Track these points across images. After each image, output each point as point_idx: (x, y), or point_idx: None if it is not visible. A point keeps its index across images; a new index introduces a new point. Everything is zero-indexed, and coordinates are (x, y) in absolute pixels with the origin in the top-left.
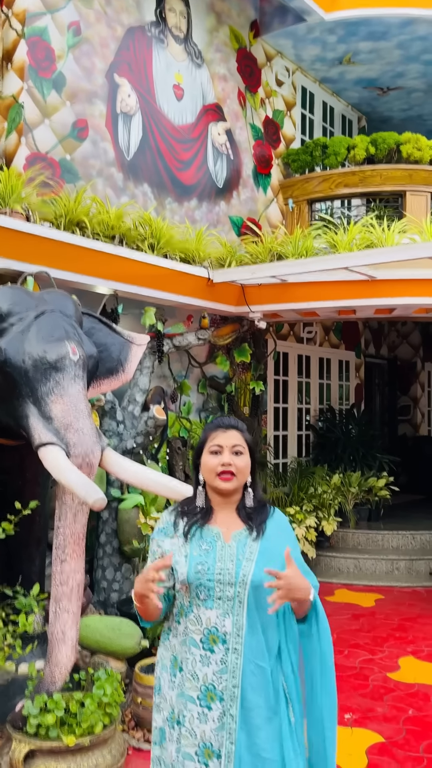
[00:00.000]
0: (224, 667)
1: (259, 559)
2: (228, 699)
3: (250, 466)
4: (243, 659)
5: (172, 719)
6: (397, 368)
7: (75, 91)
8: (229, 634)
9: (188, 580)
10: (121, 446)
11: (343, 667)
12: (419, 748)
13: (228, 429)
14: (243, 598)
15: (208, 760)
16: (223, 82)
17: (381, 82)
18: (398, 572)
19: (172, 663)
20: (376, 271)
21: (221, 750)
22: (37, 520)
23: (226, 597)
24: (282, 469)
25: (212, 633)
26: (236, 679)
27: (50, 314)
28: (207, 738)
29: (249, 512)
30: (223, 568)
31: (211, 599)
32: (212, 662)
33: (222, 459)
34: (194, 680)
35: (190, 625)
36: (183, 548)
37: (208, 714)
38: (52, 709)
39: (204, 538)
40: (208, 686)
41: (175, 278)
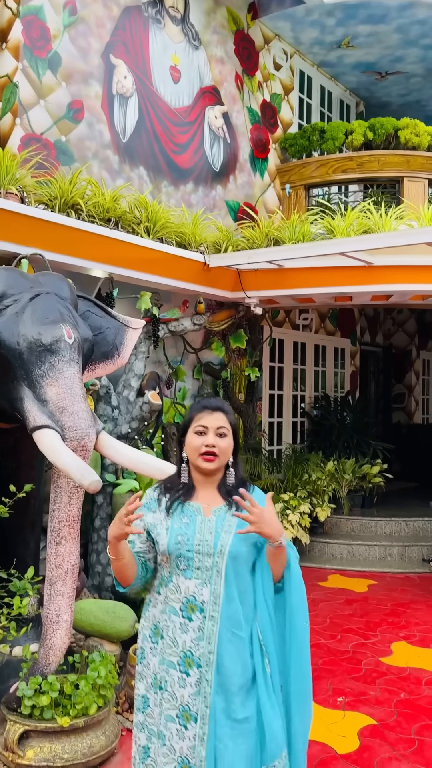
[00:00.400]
0: (201, 634)
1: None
2: (204, 665)
3: (232, 446)
4: (219, 626)
5: (155, 685)
6: (392, 356)
7: (70, 71)
8: (206, 603)
9: (168, 551)
10: (115, 431)
11: (336, 651)
12: (410, 731)
13: (214, 411)
14: (221, 568)
15: (187, 722)
16: (221, 64)
17: (379, 66)
18: (391, 558)
19: (152, 631)
20: (373, 257)
21: (198, 713)
22: (32, 503)
23: (204, 567)
24: (277, 456)
25: (190, 602)
26: (212, 646)
27: (45, 296)
28: (185, 702)
29: (229, 489)
30: (202, 540)
31: (190, 569)
32: (190, 629)
33: (206, 440)
34: (174, 646)
35: (170, 594)
36: (165, 522)
37: (187, 679)
38: (47, 691)
39: (185, 513)
40: (186, 652)
41: (171, 262)
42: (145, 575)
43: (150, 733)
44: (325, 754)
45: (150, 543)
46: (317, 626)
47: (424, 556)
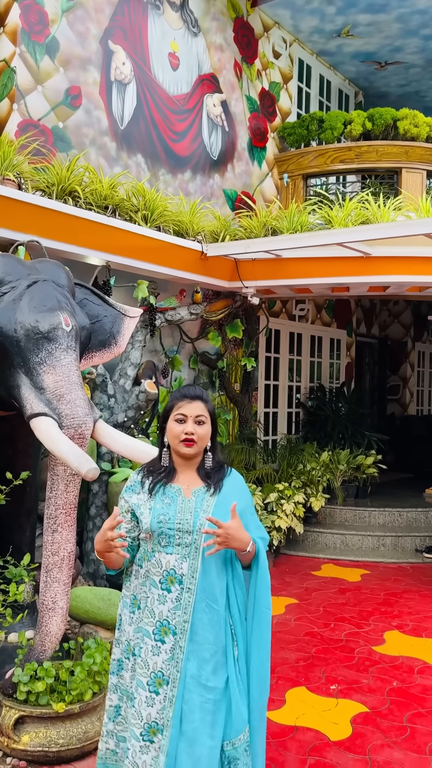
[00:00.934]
0: (178, 605)
1: (215, 512)
2: (179, 632)
3: (210, 433)
4: (195, 598)
5: (128, 651)
6: (387, 347)
7: (68, 57)
8: (185, 576)
9: (151, 529)
10: (111, 420)
11: (329, 639)
12: (402, 719)
13: (193, 400)
14: (199, 544)
15: (158, 687)
16: (220, 52)
17: (379, 56)
18: (384, 548)
19: (131, 602)
20: (370, 248)
21: (169, 677)
22: (28, 490)
23: (184, 543)
24: (272, 446)
25: (170, 575)
26: (187, 615)
27: (43, 283)
28: (158, 668)
29: (208, 472)
30: (182, 519)
31: (171, 545)
32: (168, 600)
33: (186, 428)
34: (151, 616)
35: (151, 568)
36: (148, 502)
37: (161, 647)
38: (43, 677)
39: (167, 494)
40: (163, 621)
41: (169, 251)
42: (132, 554)
43: (122, 693)
44: (318, 741)
45: (135, 523)
46: (311, 615)
47: (416, 546)
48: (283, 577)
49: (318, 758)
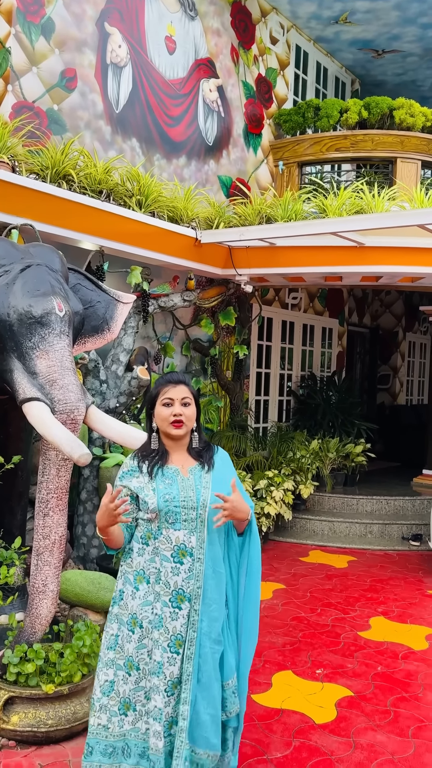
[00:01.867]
0: (191, 574)
1: (213, 486)
2: (194, 598)
3: (195, 414)
4: (204, 566)
5: (133, 624)
6: (378, 337)
7: (64, 38)
8: (194, 548)
9: (159, 508)
10: (103, 405)
11: (315, 624)
12: (386, 702)
13: (177, 384)
14: (204, 518)
15: (179, 648)
16: (217, 36)
17: (376, 44)
18: (371, 536)
19: (135, 578)
20: (364, 238)
21: (186, 637)
22: (20, 474)
23: (190, 519)
24: (262, 433)
25: (181, 549)
26: (200, 582)
27: (36, 268)
28: (177, 632)
29: (198, 451)
30: (186, 496)
31: (178, 522)
32: (181, 571)
33: (173, 410)
34: (167, 587)
35: (160, 545)
36: (149, 484)
37: (179, 612)
38: (32, 659)
39: (166, 475)
40: (178, 591)
41: (163, 237)
42: (129, 535)
43: (117, 668)
44: (303, 724)
45: (134, 505)
46: (298, 600)
47: (403, 534)
48: (271, 562)
49: (303, 740)
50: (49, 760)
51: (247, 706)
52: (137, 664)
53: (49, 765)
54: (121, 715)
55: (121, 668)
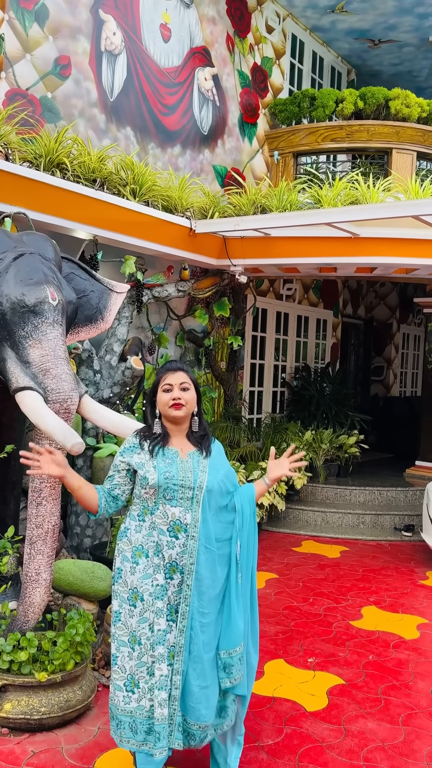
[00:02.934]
0: (185, 549)
1: (210, 471)
2: (186, 572)
3: (196, 398)
4: (198, 543)
5: (134, 599)
6: (373, 329)
7: (58, 25)
8: (189, 525)
9: (158, 484)
10: (97, 395)
11: (308, 614)
12: (377, 690)
13: (176, 371)
14: (199, 499)
15: (174, 616)
16: (212, 24)
17: (373, 33)
18: (364, 526)
19: (134, 553)
20: (359, 229)
21: (179, 608)
22: (13, 464)
23: (186, 497)
24: (256, 424)
25: (176, 524)
26: (192, 558)
27: (29, 256)
28: (172, 601)
29: (197, 438)
30: (184, 477)
31: (175, 499)
32: (176, 545)
33: (173, 394)
34: (161, 560)
35: (157, 520)
36: (150, 462)
37: (170, 582)
38: (25, 647)
39: (166, 455)
40: (172, 563)
41: (157, 227)
42: (115, 505)
43: (120, 643)
44: (295, 712)
45: (128, 479)
46: (290, 589)
47: (395, 524)
48: (264, 552)
49: (294, 728)
50: (41, 747)
51: None
52: (139, 639)
53: (42, 752)
54: (128, 691)
55: (125, 644)
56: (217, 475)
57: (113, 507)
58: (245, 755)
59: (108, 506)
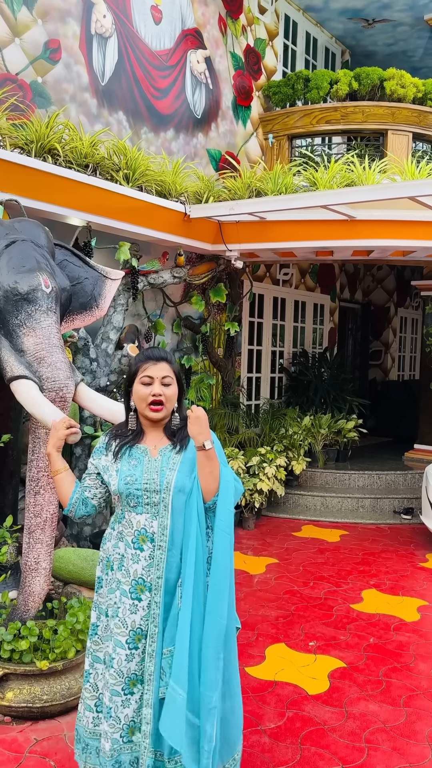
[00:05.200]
0: (151, 562)
1: (181, 468)
2: (155, 589)
3: (177, 394)
4: (167, 554)
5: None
6: (370, 313)
7: (47, 8)
8: (156, 534)
9: (119, 491)
10: (94, 384)
11: (308, 597)
12: (378, 673)
13: (158, 361)
14: (168, 502)
15: (138, 643)
16: (204, 6)
17: (366, 13)
18: (363, 510)
19: (105, 564)
20: (355, 211)
21: (148, 632)
22: (10, 453)
23: (152, 503)
24: (254, 411)
25: (142, 534)
26: (160, 571)
27: (21, 244)
28: (137, 625)
29: (173, 430)
30: (149, 479)
31: (140, 506)
32: (141, 559)
33: (153, 389)
34: (127, 576)
35: (123, 529)
36: (113, 465)
37: (138, 605)
38: (26, 636)
39: (133, 456)
40: (138, 580)
41: (151, 212)
42: (84, 509)
43: (94, 659)
44: (296, 695)
45: (98, 482)
46: (291, 574)
47: (395, 508)
48: (264, 537)
49: (296, 711)
50: (44, 735)
51: (241, 678)
52: (104, 659)
53: (44, 739)
54: (98, 713)
55: (99, 660)
56: (190, 470)
57: (83, 510)
58: (248, 739)
59: (77, 507)
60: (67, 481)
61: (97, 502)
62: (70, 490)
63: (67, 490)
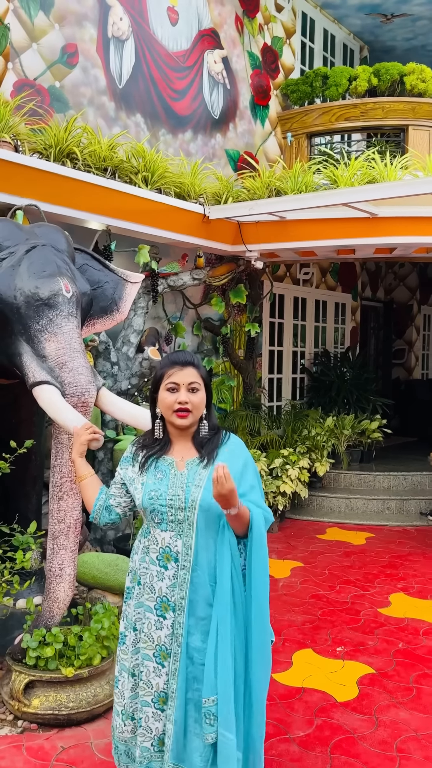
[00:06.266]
0: (175, 582)
1: (208, 485)
2: (178, 609)
3: (205, 400)
4: (191, 574)
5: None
6: (393, 311)
7: (64, 12)
8: (180, 554)
9: (143, 506)
10: (115, 387)
11: (335, 602)
12: (408, 679)
13: (184, 366)
14: (192, 521)
15: (164, 660)
16: (220, 5)
17: (385, 8)
18: (389, 512)
19: (132, 577)
20: (377, 208)
21: (171, 651)
22: (33, 459)
23: (177, 520)
24: (276, 412)
25: (166, 552)
26: (184, 592)
27: (42, 248)
28: (162, 642)
29: (202, 441)
30: (174, 495)
31: (164, 522)
32: (165, 578)
33: (179, 397)
34: (151, 592)
35: (150, 545)
36: (139, 478)
37: (163, 622)
38: (51, 642)
39: (159, 468)
40: (162, 598)
41: (170, 214)
42: (108, 516)
43: (122, 668)
44: (325, 702)
45: (123, 491)
46: (316, 578)
47: (421, 509)
48: (289, 540)
49: (325, 719)
50: (71, 743)
51: (269, 685)
52: (132, 670)
53: (71, 747)
54: (123, 719)
55: (126, 669)
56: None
57: (107, 517)
58: (276, 748)
59: (101, 514)
60: (93, 487)
61: (122, 511)
62: (95, 496)
63: (92, 496)
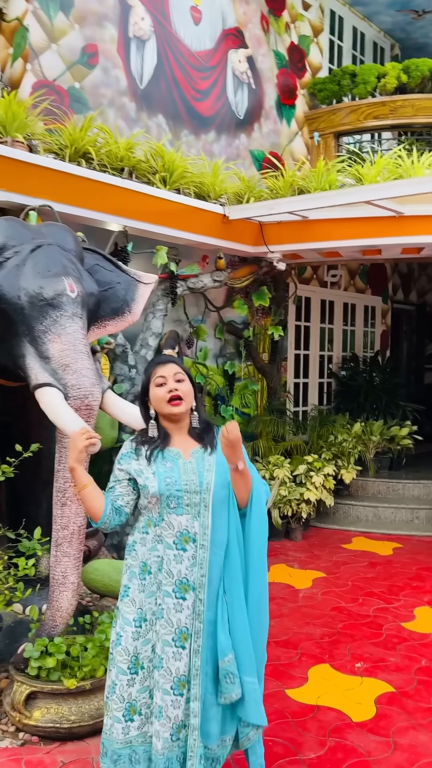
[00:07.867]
0: (194, 561)
1: (217, 469)
2: (198, 587)
3: (192, 392)
4: (209, 553)
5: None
6: (426, 314)
7: (84, 13)
8: (198, 534)
9: (160, 492)
10: (133, 391)
11: (356, 615)
12: (430, 700)
13: (167, 363)
14: (208, 502)
15: (184, 642)
16: (245, 4)
17: (416, 3)
18: (418, 521)
19: (141, 569)
20: (403, 207)
21: (192, 630)
22: (43, 463)
23: (192, 503)
24: (302, 417)
25: (184, 535)
26: (203, 570)
27: (47, 248)
28: (182, 624)
29: (199, 432)
30: (188, 480)
31: (180, 507)
32: (184, 559)
33: (168, 387)
34: (170, 576)
35: (163, 531)
36: (149, 468)
37: (183, 603)
38: (53, 653)
39: (166, 458)
40: (182, 580)
41: (189, 215)
42: (118, 518)
43: (119, 671)
44: (340, 722)
45: (130, 488)
46: (338, 589)
47: None
48: (312, 549)
49: (338, 740)
50: (72, 757)
51: (281, 701)
52: (142, 663)
53: (71, 762)
54: (127, 721)
55: (123, 672)
56: (225, 470)
57: (116, 520)
58: None
59: (111, 518)
60: (96, 495)
61: (129, 510)
62: (100, 503)
63: (98, 504)
